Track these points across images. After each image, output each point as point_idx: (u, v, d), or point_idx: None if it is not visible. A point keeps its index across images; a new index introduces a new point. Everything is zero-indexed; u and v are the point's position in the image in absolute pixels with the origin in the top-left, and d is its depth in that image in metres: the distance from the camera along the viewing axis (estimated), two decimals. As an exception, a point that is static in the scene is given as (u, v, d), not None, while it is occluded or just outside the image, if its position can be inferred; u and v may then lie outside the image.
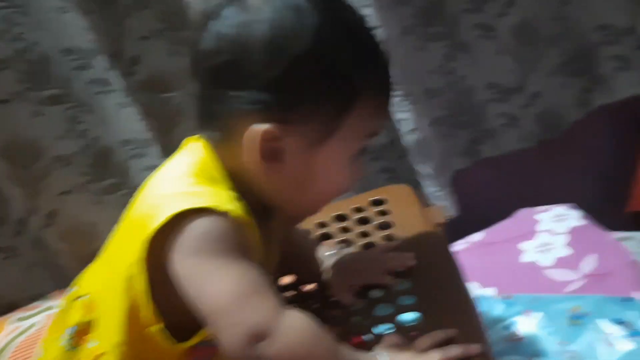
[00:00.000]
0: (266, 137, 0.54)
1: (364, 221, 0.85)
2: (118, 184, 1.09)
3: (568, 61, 1.20)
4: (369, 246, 0.78)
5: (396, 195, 0.88)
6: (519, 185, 1.26)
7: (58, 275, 1.11)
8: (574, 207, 1.15)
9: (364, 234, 0.82)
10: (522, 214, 1.16)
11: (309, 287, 0.73)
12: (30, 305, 1.08)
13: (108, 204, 1.09)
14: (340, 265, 0.72)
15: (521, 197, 1.21)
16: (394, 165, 1.29)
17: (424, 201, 0.87)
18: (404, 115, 1.09)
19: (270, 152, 0.55)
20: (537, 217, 1.13)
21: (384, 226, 0.82)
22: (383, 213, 0.85)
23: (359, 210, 0.87)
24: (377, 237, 0.80)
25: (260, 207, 0.59)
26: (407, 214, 0.83)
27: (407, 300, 0.67)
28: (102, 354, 0.57)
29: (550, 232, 1.09)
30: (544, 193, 1.21)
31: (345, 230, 0.84)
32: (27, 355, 0.98)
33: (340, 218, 0.87)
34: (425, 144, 1.12)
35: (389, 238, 0.78)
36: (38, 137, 1.03)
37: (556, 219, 1.12)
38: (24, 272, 1.18)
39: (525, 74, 1.19)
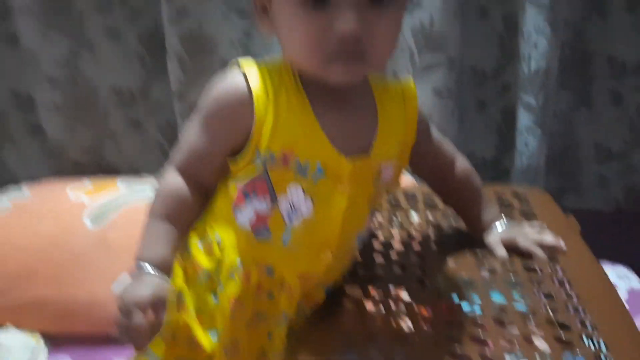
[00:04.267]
0: None
1: (504, 204, 0.91)
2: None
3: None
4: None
5: (534, 196, 0.96)
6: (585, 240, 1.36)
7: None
8: (632, 271, 1.27)
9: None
10: (591, 263, 1.27)
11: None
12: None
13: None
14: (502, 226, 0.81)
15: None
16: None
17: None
18: (528, 139, 1.19)
19: (260, 6, 0.62)
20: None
21: (526, 214, 0.88)
22: (523, 204, 0.91)
23: (499, 195, 0.94)
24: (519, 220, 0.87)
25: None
26: (547, 213, 0.89)
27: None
28: None
29: (615, 286, 1.20)
30: (606, 253, 1.32)
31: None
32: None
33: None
34: (535, 172, 1.21)
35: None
36: None
37: (618, 276, 1.24)
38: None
39: (636, 143, 1.31)
